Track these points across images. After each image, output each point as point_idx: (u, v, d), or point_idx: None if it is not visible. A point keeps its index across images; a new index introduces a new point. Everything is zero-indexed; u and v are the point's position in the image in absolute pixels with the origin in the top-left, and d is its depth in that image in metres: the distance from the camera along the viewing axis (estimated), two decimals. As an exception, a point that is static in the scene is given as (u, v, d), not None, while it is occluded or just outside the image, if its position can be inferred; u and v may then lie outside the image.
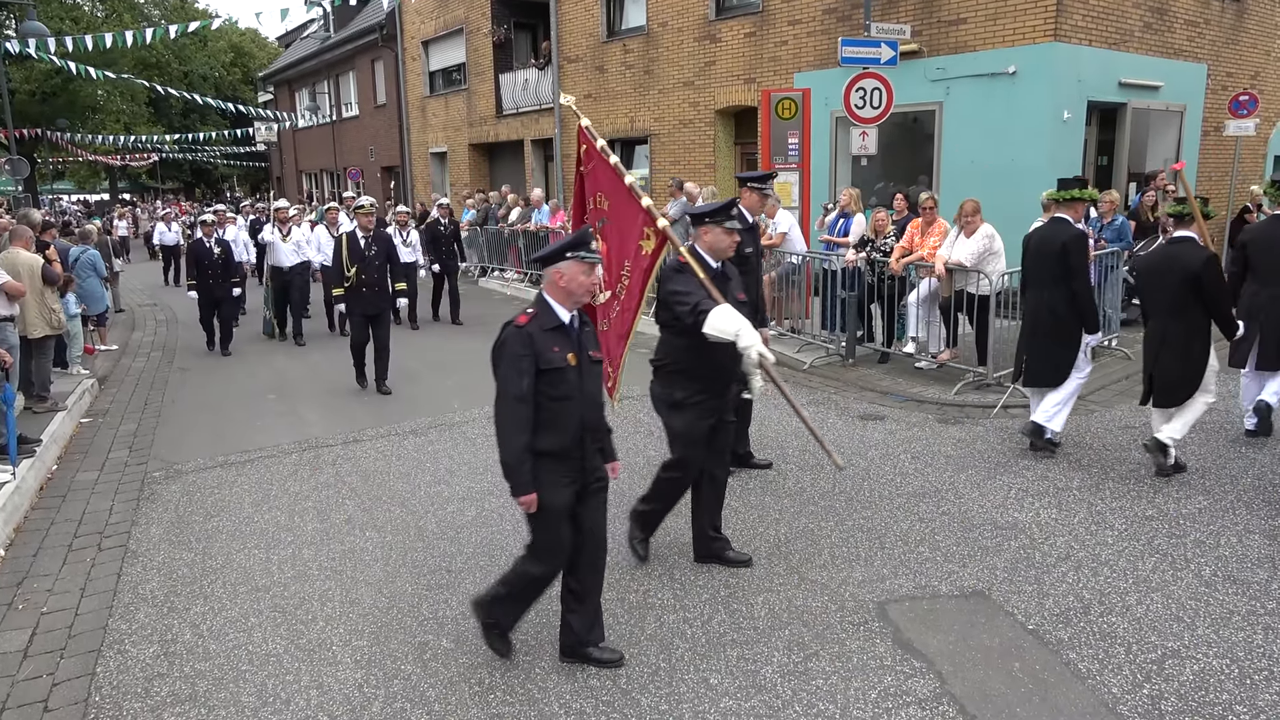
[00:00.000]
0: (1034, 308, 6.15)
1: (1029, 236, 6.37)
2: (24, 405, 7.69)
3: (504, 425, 3.51)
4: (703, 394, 4.45)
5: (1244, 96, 12.74)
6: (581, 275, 3.54)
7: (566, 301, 3.58)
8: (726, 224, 4.45)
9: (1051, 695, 3.50)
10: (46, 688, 3.85)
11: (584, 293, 3.60)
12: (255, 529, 5.45)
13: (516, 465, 3.50)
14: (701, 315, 4.06)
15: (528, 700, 3.59)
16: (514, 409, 3.47)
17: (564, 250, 3.54)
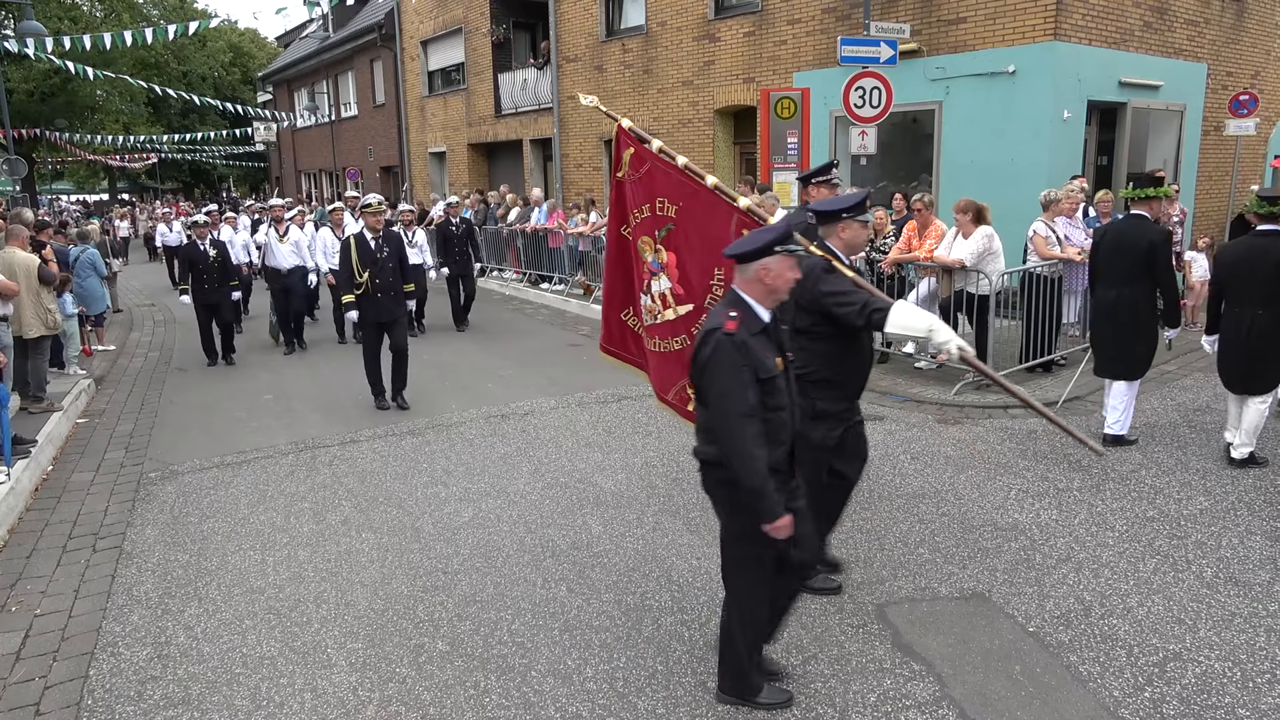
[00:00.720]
0: (1111, 303, 6.22)
1: (1101, 232, 6.51)
2: (19, 405, 7.66)
3: (739, 446, 3.11)
4: (843, 401, 4.13)
5: (1244, 96, 12.71)
6: (789, 271, 3.26)
7: (767, 300, 3.28)
8: (861, 218, 4.15)
9: (1052, 698, 3.47)
10: (39, 690, 3.82)
11: (787, 290, 3.32)
12: (251, 530, 5.42)
13: (764, 488, 3.10)
14: (878, 314, 3.74)
15: (523, 704, 3.56)
16: (745, 426, 3.11)
17: (773, 244, 3.22)
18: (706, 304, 4.53)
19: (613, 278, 5.14)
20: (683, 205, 4.56)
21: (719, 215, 4.42)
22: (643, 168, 4.69)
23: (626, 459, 6.44)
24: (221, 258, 10.39)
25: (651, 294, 4.79)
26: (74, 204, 48.85)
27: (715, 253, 4.38)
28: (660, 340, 4.81)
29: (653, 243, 4.72)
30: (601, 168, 17.79)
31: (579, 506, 5.58)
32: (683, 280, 4.62)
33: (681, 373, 4.66)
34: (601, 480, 6.03)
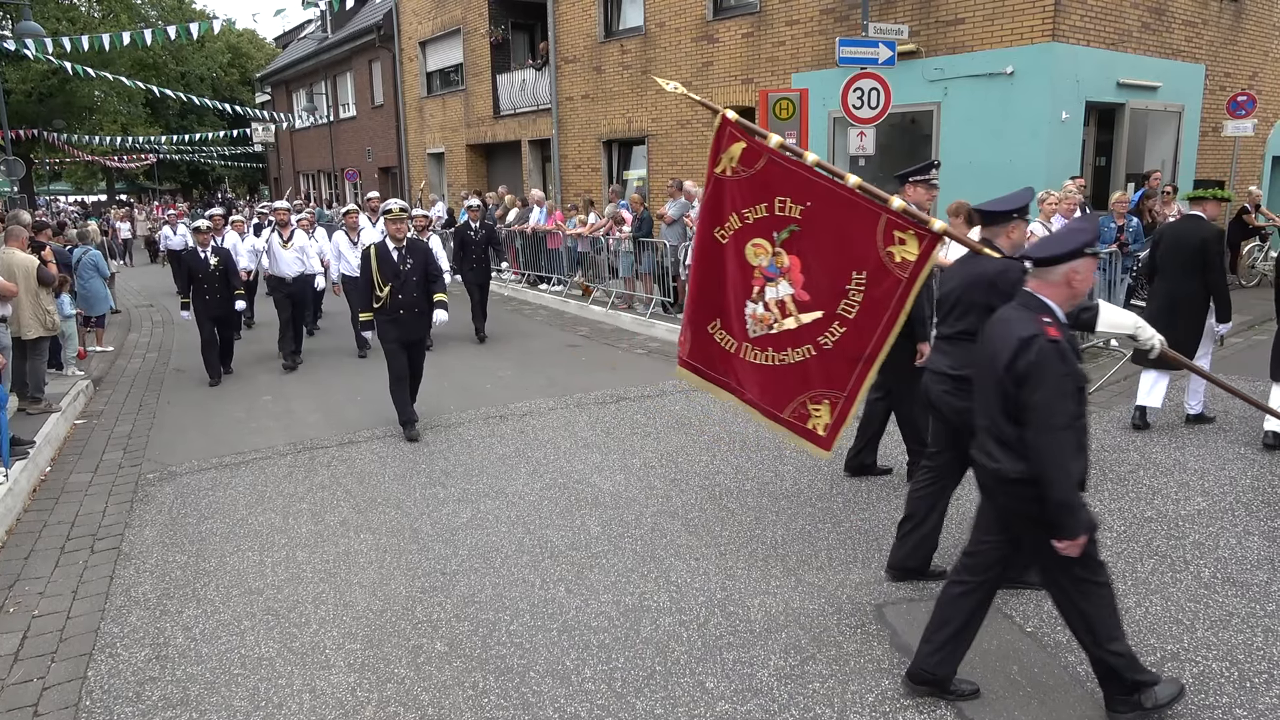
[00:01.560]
0: (1168, 295, 6.52)
1: (1160, 231, 6.96)
2: (18, 406, 7.66)
3: (1058, 459, 2.99)
4: None
5: (1242, 97, 12.73)
6: (1091, 274, 3.17)
7: (1066, 304, 3.17)
8: (1026, 217, 4.16)
9: (1050, 699, 3.48)
10: (37, 691, 3.82)
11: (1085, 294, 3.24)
12: (249, 531, 5.42)
13: (1076, 501, 3.01)
14: (1087, 313, 3.69)
15: (522, 704, 3.56)
16: (1065, 440, 3.00)
17: (1085, 246, 3.10)
18: (839, 311, 4.30)
19: (703, 285, 4.79)
20: (811, 205, 4.29)
21: (858, 216, 4.17)
22: (756, 164, 4.40)
23: (625, 460, 6.45)
24: (224, 267, 9.45)
25: (765, 301, 4.51)
26: (72, 205, 48.81)
27: (852, 256, 4.20)
28: (775, 352, 4.54)
29: (770, 246, 4.46)
30: (600, 168, 17.80)
31: (577, 507, 5.58)
32: (809, 286, 4.38)
33: (803, 387, 4.47)
34: (600, 481, 6.03)
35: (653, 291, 12.17)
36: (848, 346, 4.32)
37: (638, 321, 11.86)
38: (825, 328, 4.34)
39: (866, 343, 4.26)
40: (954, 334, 4.14)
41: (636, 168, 17.34)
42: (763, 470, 6.13)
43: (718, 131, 4.48)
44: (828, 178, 4.25)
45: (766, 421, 4.72)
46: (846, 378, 4.35)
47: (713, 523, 5.27)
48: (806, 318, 4.38)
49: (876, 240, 4.11)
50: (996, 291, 3.84)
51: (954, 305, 4.14)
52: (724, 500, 5.61)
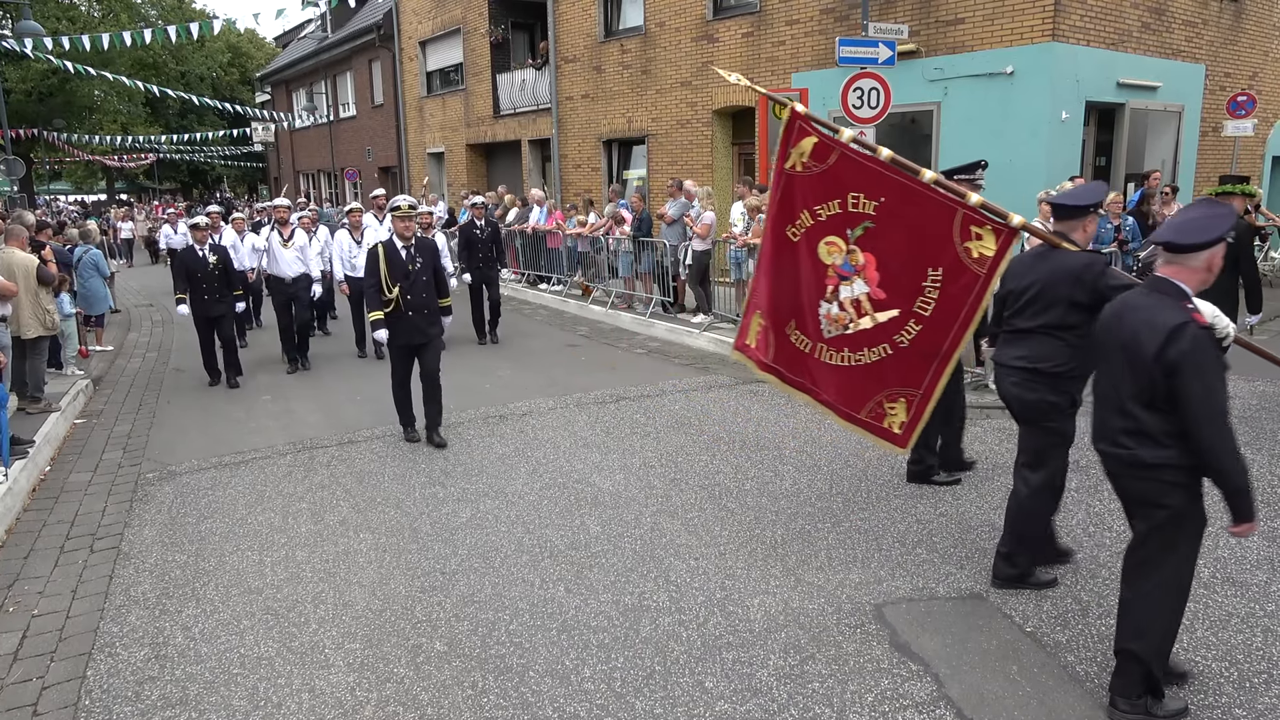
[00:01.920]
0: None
1: None
2: (17, 406, 7.65)
3: (1229, 447, 3.03)
4: (1082, 393, 4.13)
5: (1242, 97, 12.73)
6: (1219, 259, 3.17)
7: (1198, 289, 3.20)
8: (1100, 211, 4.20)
9: (1049, 698, 3.48)
10: (36, 691, 3.82)
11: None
12: (248, 531, 5.42)
13: (1250, 487, 3.06)
14: None
15: (521, 704, 3.56)
16: (1229, 427, 3.04)
17: (1225, 233, 3.13)
18: (915, 309, 4.25)
19: (778, 285, 4.72)
20: (885, 201, 4.23)
21: (934, 211, 4.12)
22: (828, 159, 4.33)
23: (624, 459, 6.45)
24: (223, 264, 9.18)
25: (840, 301, 4.45)
26: (72, 204, 48.80)
27: (929, 252, 4.15)
28: (851, 353, 4.48)
29: (844, 243, 4.39)
30: (600, 168, 17.80)
31: (577, 507, 5.58)
32: (885, 283, 4.32)
33: (879, 386, 4.43)
34: (599, 481, 6.03)
35: (652, 291, 12.17)
36: (924, 344, 4.30)
37: (637, 321, 11.86)
38: (901, 326, 4.31)
39: (943, 339, 4.25)
40: (1034, 328, 4.10)
41: (636, 167, 17.34)
42: (762, 470, 6.13)
43: (787, 126, 4.42)
44: (902, 173, 4.20)
45: (842, 422, 4.73)
46: (923, 375, 4.33)
47: (712, 522, 5.27)
48: (882, 316, 4.35)
49: (953, 236, 4.08)
50: (1082, 285, 3.90)
51: (1033, 299, 4.10)
52: (723, 500, 5.61)
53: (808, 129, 4.37)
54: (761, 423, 7.26)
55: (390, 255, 6.80)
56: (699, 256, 11.06)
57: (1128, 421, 3.21)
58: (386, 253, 6.81)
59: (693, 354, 10.15)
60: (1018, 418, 4.28)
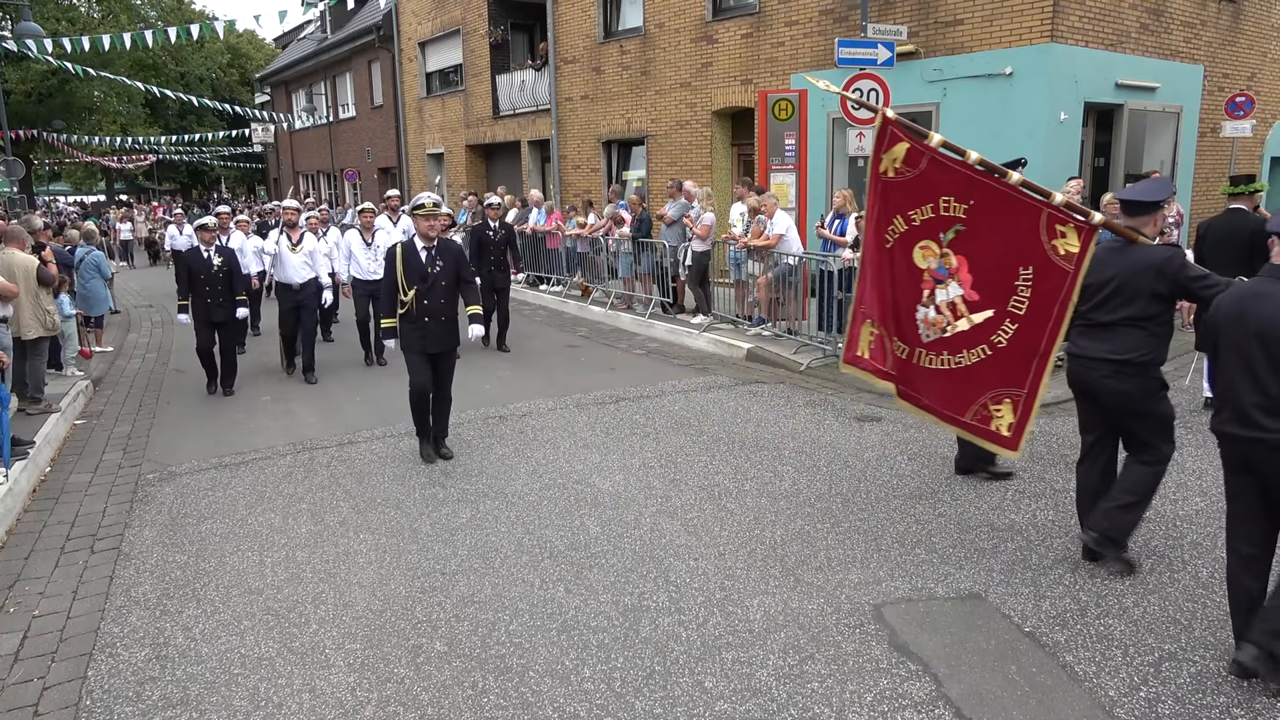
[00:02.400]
0: None
1: (1204, 226, 7.38)
2: (18, 407, 7.66)
3: None
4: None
5: (1240, 98, 12.75)
6: None
7: None
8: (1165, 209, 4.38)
9: (1048, 698, 3.48)
10: (37, 691, 3.82)
11: None
12: (249, 531, 5.42)
13: None
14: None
15: (521, 704, 3.57)
16: None
17: None
18: (1009, 308, 4.31)
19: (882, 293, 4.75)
20: (974, 203, 4.30)
21: (1021, 212, 4.21)
22: (919, 164, 4.40)
23: (624, 460, 6.46)
24: (228, 268, 8.76)
25: (936, 304, 4.51)
26: (71, 205, 48.78)
27: (1018, 252, 4.24)
28: (950, 355, 4.52)
29: (938, 247, 4.46)
30: (599, 169, 17.81)
31: (576, 507, 5.59)
32: (978, 285, 4.39)
33: (982, 388, 4.48)
34: (599, 481, 6.04)
35: (652, 292, 12.18)
36: (1022, 343, 4.35)
37: (637, 322, 11.87)
38: (998, 326, 4.36)
39: (1040, 338, 4.31)
40: (1117, 320, 4.23)
41: (636, 168, 17.35)
42: (761, 471, 6.14)
43: (879, 132, 4.48)
44: (990, 175, 4.29)
45: (946, 426, 4.76)
46: (1025, 374, 4.38)
47: (711, 523, 5.28)
48: (978, 317, 4.41)
49: (1040, 235, 4.17)
50: (1163, 278, 4.08)
51: (1114, 293, 4.22)
52: (723, 500, 5.62)
53: (899, 134, 4.43)
54: (761, 423, 7.27)
55: (409, 256, 6.38)
56: (698, 257, 11.07)
57: (1269, 402, 3.35)
58: (405, 253, 6.40)
59: (692, 355, 10.16)
60: (1112, 410, 4.39)
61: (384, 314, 6.54)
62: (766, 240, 9.86)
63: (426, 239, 6.39)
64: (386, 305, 6.50)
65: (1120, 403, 4.31)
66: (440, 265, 6.38)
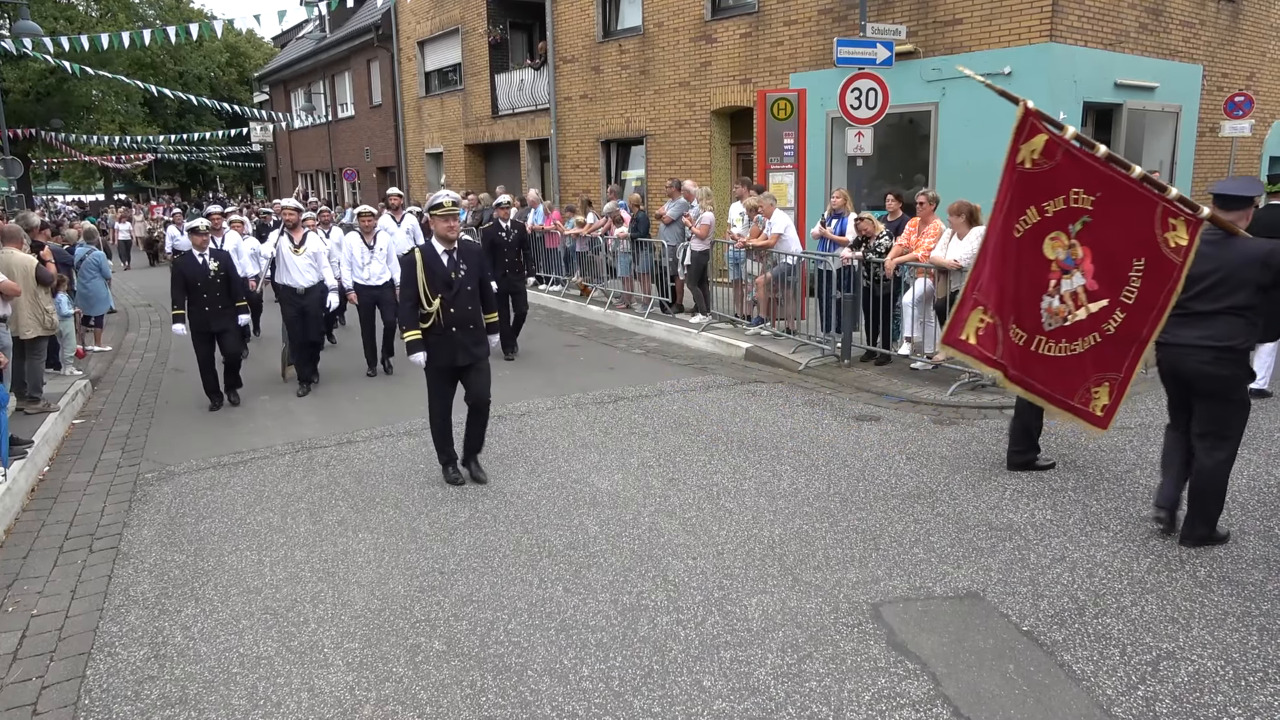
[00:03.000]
0: None
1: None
2: (16, 406, 7.66)
3: None
4: None
5: (1239, 97, 12.77)
6: None
7: None
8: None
9: (1046, 697, 3.49)
10: (35, 690, 3.82)
11: None
12: (247, 530, 5.43)
13: None
14: None
15: (520, 703, 3.57)
16: None
17: None
18: (1121, 297, 4.55)
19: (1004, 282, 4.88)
20: (1100, 195, 4.50)
21: (1140, 205, 4.41)
22: (1055, 156, 4.56)
23: (623, 459, 6.46)
24: (225, 272, 8.23)
25: (1061, 294, 4.71)
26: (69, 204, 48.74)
27: (1135, 243, 4.44)
28: (1068, 343, 4.74)
29: (1066, 238, 4.65)
30: (598, 168, 17.81)
31: (575, 507, 5.59)
32: (1098, 275, 4.60)
33: (1088, 373, 4.72)
34: (598, 481, 6.04)
35: (650, 291, 12.18)
36: (1127, 330, 4.58)
37: (636, 321, 11.87)
38: (1110, 314, 4.59)
39: (1143, 326, 4.54)
40: (1219, 309, 4.42)
41: (635, 168, 17.35)
42: (760, 470, 6.14)
43: (1020, 123, 4.61)
44: (1115, 168, 4.46)
45: (1051, 408, 4.98)
46: (1123, 360, 4.63)
47: (710, 522, 5.28)
48: (1094, 306, 4.63)
49: (1155, 227, 4.36)
50: (1268, 269, 4.31)
51: (1217, 284, 4.42)
52: (721, 500, 5.63)
53: (1039, 126, 4.57)
54: (759, 423, 7.27)
55: (430, 261, 5.77)
56: (697, 257, 11.08)
57: None
58: (425, 259, 5.78)
59: (691, 354, 10.16)
60: (1203, 394, 4.55)
61: (406, 326, 5.87)
62: (765, 240, 9.87)
63: (447, 241, 5.82)
64: (408, 317, 5.84)
65: (1215, 387, 4.49)
66: (464, 270, 5.83)
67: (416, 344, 5.84)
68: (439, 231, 5.82)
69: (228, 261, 8.40)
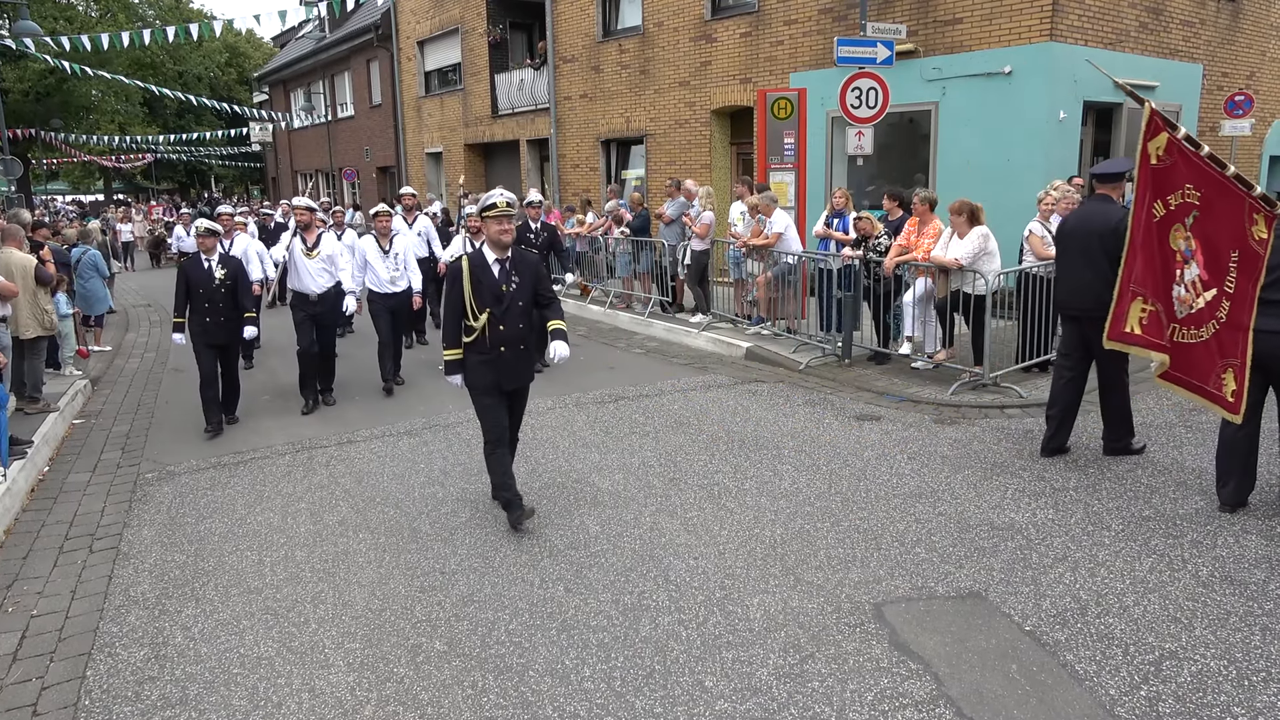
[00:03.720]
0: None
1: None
2: (16, 406, 7.65)
3: None
4: None
5: (1239, 97, 12.76)
6: None
7: None
8: None
9: (1049, 697, 3.48)
10: (36, 691, 3.81)
11: None
12: (248, 530, 5.42)
13: None
14: None
15: (521, 703, 3.56)
16: None
17: None
18: (1224, 286, 4.82)
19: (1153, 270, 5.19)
20: (1204, 192, 4.80)
21: (1233, 201, 4.70)
22: (1174, 154, 4.89)
23: (624, 459, 6.45)
24: (233, 280, 7.46)
25: (1185, 283, 5.02)
26: (69, 204, 48.73)
27: (1231, 236, 4.73)
28: (1194, 330, 5.05)
29: (1184, 230, 4.96)
30: (598, 168, 17.80)
31: (576, 506, 5.58)
32: (1207, 265, 4.89)
33: (1215, 359, 4.98)
34: (599, 480, 6.03)
35: (651, 291, 12.17)
36: (1235, 318, 4.85)
37: (636, 321, 11.86)
38: (1220, 304, 4.88)
39: (1246, 314, 4.79)
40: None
41: (635, 167, 17.35)
42: (761, 470, 6.13)
43: (1147, 122, 4.93)
44: (1215, 166, 4.75)
45: (1185, 393, 5.25)
46: (1238, 346, 4.88)
47: (711, 522, 5.27)
48: (1207, 295, 4.93)
49: (1244, 221, 4.68)
50: None
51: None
52: (722, 499, 5.62)
53: (1161, 126, 4.89)
54: (760, 422, 7.26)
55: (478, 271, 5.09)
56: (698, 256, 11.07)
57: None
58: (473, 267, 5.10)
59: (691, 354, 10.15)
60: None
61: (447, 343, 5.26)
62: (765, 239, 9.86)
63: (499, 248, 5.11)
64: (450, 333, 5.23)
65: None
66: (516, 283, 5.14)
67: (455, 364, 5.24)
68: (491, 236, 5.10)
69: (237, 269, 7.59)
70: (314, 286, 8.13)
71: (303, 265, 8.14)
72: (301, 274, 8.16)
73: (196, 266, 7.42)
